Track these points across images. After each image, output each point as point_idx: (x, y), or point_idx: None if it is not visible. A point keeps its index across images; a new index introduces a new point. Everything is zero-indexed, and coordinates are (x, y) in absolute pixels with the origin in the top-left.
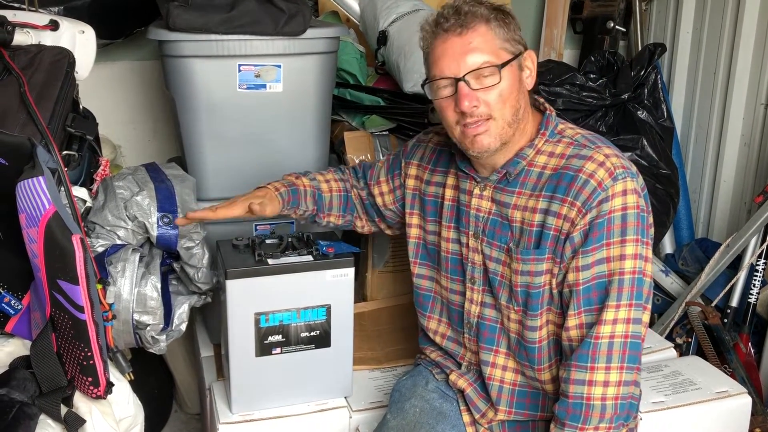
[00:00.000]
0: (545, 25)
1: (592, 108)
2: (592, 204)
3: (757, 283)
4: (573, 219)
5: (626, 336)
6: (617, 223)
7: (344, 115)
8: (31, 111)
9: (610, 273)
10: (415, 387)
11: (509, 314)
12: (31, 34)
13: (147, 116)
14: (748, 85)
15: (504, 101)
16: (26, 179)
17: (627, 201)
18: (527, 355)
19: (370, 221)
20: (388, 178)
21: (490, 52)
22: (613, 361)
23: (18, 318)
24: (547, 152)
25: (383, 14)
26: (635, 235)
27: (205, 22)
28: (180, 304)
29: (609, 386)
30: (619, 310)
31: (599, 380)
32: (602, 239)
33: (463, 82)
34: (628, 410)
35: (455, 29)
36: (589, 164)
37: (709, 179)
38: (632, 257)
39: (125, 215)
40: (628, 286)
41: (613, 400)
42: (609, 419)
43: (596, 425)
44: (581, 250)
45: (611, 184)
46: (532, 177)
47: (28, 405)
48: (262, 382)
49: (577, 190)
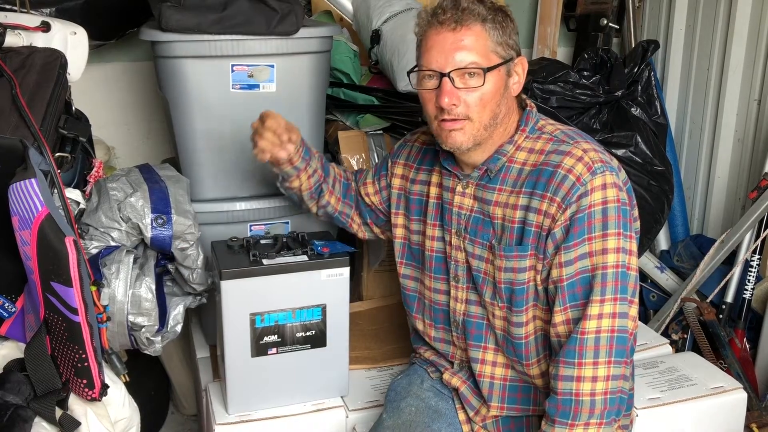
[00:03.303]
0: (539, 23)
1: (586, 105)
2: (572, 199)
3: (751, 278)
4: (553, 215)
5: (612, 330)
6: (598, 217)
7: (338, 115)
8: (23, 113)
9: (593, 268)
10: (411, 386)
11: (494, 311)
12: (22, 35)
13: (140, 117)
14: (742, 82)
15: (484, 105)
16: (18, 181)
17: (607, 195)
18: (515, 351)
19: (364, 224)
20: (374, 180)
21: (479, 53)
22: (600, 356)
23: (12, 321)
24: (527, 148)
25: (376, 13)
26: (617, 229)
27: (197, 23)
28: (175, 306)
29: (597, 381)
30: (604, 304)
31: (587, 376)
32: (583, 234)
33: (447, 78)
34: (618, 405)
35: (450, 24)
36: (567, 159)
37: (703, 175)
38: (615, 251)
39: (119, 217)
40: (612, 280)
41: (603, 395)
42: (599, 414)
43: (586, 421)
44: (563, 246)
45: (590, 178)
46: (513, 173)
47: (23, 408)
48: (258, 383)
49: (556, 185)
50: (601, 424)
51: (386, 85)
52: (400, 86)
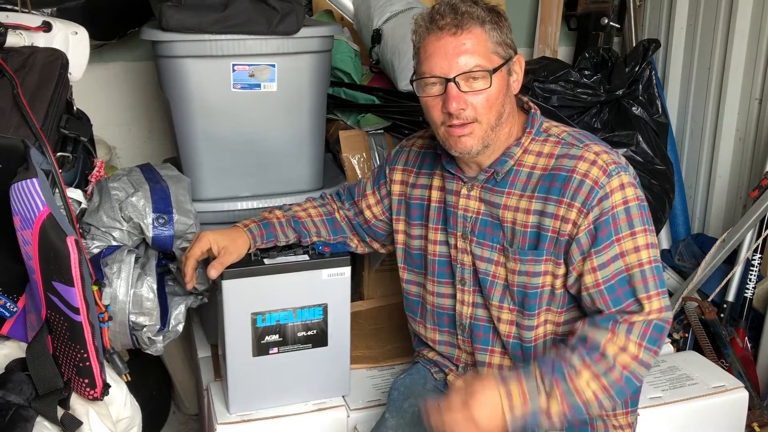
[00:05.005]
0: (539, 22)
1: (587, 104)
2: (593, 203)
3: (753, 277)
4: (574, 220)
5: (655, 324)
6: (622, 217)
7: (339, 114)
8: (25, 113)
9: (627, 267)
10: (414, 386)
11: (501, 314)
12: (23, 35)
13: (142, 117)
14: (743, 81)
15: (490, 106)
16: (20, 181)
17: (626, 194)
18: (523, 355)
19: (363, 242)
20: (374, 190)
21: (482, 55)
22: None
23: (14, 320)
24: (535, 152)
25: (377, 13)
26: (643, 225)
27: (198, 22)
28: (176, 305)
29: (626, 353)
30: (652, 301)
31: (620, 345)
32: (611, 236)
33: (453, 83)
34: (627, 386)
35: (450, 28)
36: (581, 164)
37: (704, 174)
38: (646, 247)
39: (120, 216)
40: (651, 276)
41: (626, 371)
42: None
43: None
44: (593, 250)
45: (607, 181)
46: (522, 177)
47: (25, 407)
48: (259, 382)
49: (573, 190)
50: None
51: (387, 84)
52: (401, 86)
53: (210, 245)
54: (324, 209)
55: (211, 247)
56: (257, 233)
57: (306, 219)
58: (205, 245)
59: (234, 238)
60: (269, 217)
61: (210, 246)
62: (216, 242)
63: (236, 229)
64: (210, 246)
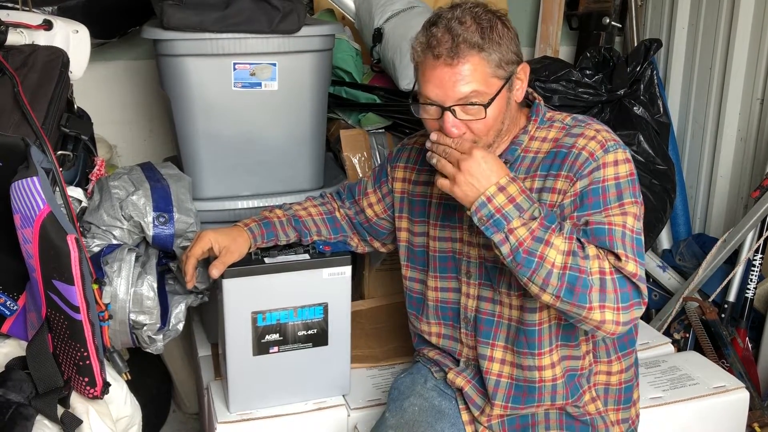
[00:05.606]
0: (541, 22)
1: (589, 104)
2: (583, 173)
3: (754, 277)
4: (565, 190)
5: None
6: (612, 191)
7: (340, 113)
8: (25, 111)
9: (610, 224)
10: (414, 385)
11: (511, 302)
12: (24, 33)
13: (142, 116)
14: (744, 80)
15: (489, 128)
16: (20, 179)
17: (619, 171)
18: (527, 341)
19: (363, 241)
20: (375, 189)
21: (480, 82)
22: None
23: (14, 319)
24: (540, 138)
25: (378, 12)
26: (632, 198)
27: (199, 21)
28: (177, 304)
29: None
30: (628, 261)
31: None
32: (599, 206)
33: (449, 112)
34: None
35: (446, 59)
36: (580, 140)
37: (705, 174)
38: (633, 216)
39: (121, 215)
40: (630, 242)
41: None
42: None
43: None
44: (577, 214)
45: (602, 154)
46: (526, 162)
47: (25, 406)
48: (259, 381)
49: (571, 163)
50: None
51: (388, 83)
52: (402, 85)
53: (211, 244)
54: (324, 208)
55: (212, 247)
56: (258, 232)
57: (306, 218)
58: (206, 244)
59: (235, 237)
60: (270, 217)
61: (211, 245)
62: (217, 241)
63: (237, 228)
64: (211, 245)
